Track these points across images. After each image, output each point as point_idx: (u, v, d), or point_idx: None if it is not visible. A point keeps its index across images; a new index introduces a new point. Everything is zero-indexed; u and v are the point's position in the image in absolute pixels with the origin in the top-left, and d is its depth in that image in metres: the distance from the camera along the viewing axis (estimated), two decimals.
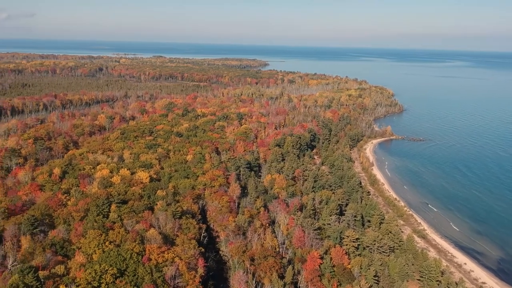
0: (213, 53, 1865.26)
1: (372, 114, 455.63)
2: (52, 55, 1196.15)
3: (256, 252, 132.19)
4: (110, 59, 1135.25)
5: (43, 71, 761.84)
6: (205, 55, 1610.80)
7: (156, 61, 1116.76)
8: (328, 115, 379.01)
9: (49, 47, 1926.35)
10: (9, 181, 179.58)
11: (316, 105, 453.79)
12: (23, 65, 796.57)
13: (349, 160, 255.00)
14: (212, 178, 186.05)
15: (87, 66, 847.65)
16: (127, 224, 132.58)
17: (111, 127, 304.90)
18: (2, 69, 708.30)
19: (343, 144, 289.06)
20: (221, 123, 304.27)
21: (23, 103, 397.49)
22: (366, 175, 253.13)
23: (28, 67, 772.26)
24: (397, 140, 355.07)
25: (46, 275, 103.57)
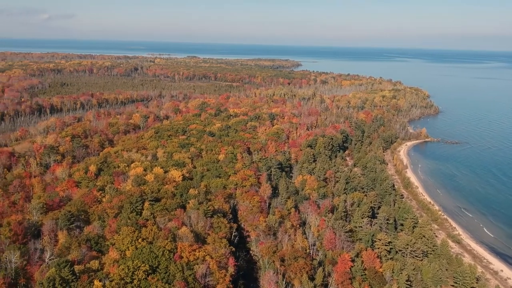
0: (246, 54, 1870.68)
1: (406, 116, 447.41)
2: (89, 55, 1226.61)
3: (286, 252, 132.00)
4: (145, 59, 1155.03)
5: (81, 70, 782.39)
6: (238, 56, 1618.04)
7: (190, 61, 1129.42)
8: (361, 116, 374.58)
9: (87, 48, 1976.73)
10: (48, 177, 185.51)
11: (349, 106, 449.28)
12: (62, 65, 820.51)
13: (382, 162, 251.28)
14: (244, 177, 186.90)
15: (123, 66, 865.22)
16: (159, 221, 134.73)
17: (145, 126, 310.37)
18: (43, 69, 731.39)
19: (376, 146, 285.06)
20: (253, 123, 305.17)
21: (62, 102, 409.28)
22: (400, 177, 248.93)
23: (66, 67, 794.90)
24: (432, 142, 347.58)
25: (81, 269, 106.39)
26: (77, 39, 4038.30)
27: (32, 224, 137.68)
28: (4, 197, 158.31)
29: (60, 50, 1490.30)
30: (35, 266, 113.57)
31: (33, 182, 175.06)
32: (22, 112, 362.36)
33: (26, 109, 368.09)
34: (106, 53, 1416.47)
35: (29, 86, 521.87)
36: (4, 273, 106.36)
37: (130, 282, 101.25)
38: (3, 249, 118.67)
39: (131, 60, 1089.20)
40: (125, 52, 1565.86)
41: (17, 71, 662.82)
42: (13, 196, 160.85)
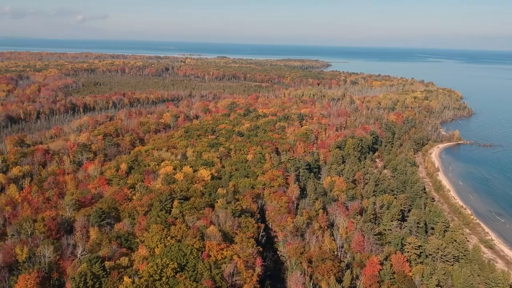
0: (276, 54, 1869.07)
1: (438, 118, 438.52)
2: (122, 55, 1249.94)
3: (314, 254, 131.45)
4: (176, 59, 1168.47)
5: (113, 70, 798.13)
6: (267, 56, 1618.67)
7: (220, 62, 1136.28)
8: (392, 117, 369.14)
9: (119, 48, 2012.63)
10: (80, 174, 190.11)
11: (379, 107, 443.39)
12: (95, 65, 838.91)
13: (413, 165, 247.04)
14: (272, 178, 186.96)
15: (154, 66, 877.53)
16: (188, 220, 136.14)
17: (175, 125, 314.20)
18: (77, 68, 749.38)
19: (407, 148, 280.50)
20: (282, 124, 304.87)
21: (94, 101, 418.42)
22: (431, 180, 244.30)
23: (99, 67, 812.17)
24: (465, 145, 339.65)
25: (111, 265, 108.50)
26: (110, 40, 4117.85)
27: (65, 220, 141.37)
28: (39, 193, 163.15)
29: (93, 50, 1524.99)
30: (68, 261, 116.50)
31: (66, 179, 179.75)
32: (57, 110, 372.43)
33: (61, 107, 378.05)
34: (138, 53, 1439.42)
35: (63, 85, 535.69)
36: (38, 267, 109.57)
37: (158, 280, 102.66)
38: (38, 244, 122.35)
39: (162, 60, 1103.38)
40: (157, 52, 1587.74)
41: (53, 70, 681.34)
42: (48, 192, 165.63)
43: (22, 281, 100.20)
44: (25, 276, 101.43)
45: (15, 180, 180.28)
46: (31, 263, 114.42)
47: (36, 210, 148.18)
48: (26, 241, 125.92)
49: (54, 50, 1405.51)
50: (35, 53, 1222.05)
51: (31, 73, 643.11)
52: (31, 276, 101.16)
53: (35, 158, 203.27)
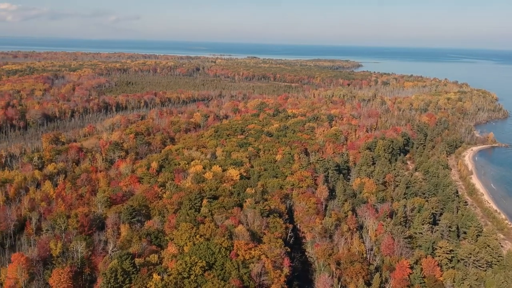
0: (306, 54, 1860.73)
1: (472, 119, 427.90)
2: (153, 55, 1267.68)
3: (342, 256, 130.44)
4: (206, 59, 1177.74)
5: (145, 70, 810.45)
6: (297, 56, 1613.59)
7: (250, 62, 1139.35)
8: (424, 119, 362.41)
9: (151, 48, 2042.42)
10: (112, 172, 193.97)
11: (411, 108, 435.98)
12: (127, 65, 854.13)
13: (445, 167, 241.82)
14: (300, 178, 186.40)
15: (185, 66, 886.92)
16: (217, 219, 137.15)
17: (205, 125, 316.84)
18: (110, 68, 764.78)
19: (440, 150, 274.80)
20: (311, 124, 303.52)
21: (127, 100, 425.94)
22: (464, 184, 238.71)
23: (132, 67, 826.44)
24: (500, 148, 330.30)
25: (141, 262, 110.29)
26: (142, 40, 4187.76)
27: (97, 216, 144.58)
28: (72, 190, 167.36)
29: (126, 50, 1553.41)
30: (99, 256, 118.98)
31: (98, 177, 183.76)
32: (90, 109, 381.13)
33: (94, 106, 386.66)
34: (170, 53, 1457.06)
35: (97, 84, 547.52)
36: (71, 262, 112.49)
37: (187, 277, 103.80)
38: (71, 239, 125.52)
39: (193, 60, 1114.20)
40: (188, 52, 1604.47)
41: (87, 70, 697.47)
42: (81, 189, 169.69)
43: (56, 275, 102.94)
44: (58, 270, 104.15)
45: (50, 177, 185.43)
46: (64, 258, 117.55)
47: (69, 206, 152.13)
48: (60, 236, 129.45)
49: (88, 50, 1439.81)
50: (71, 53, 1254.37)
51: (66, 72, 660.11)
52: (64, 271, 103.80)
53: (69, 156, 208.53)
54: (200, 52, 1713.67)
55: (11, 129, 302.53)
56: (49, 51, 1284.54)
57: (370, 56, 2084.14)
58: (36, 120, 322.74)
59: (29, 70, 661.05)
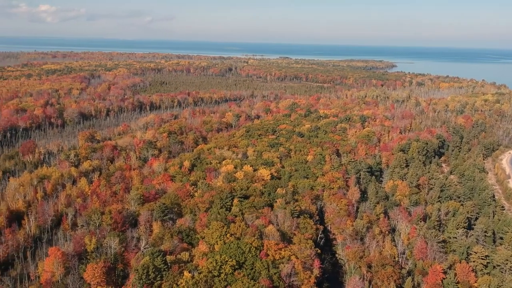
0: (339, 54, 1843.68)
1: (511, 122, 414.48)
2: (187, 56, 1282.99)
3: (373, 259, 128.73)
4: (239, 59, 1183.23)
5: (179, 70, 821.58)
6: (330, 56, 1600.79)
7: (282, 62, 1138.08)
8: (460, 121, 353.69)
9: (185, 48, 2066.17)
10: (145, 170, 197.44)
11: (446, 110, 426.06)
12: (162, 65, 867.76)
13: (481, 171, 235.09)
14: (332, 180, 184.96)
15: (218, 66, 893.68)
16: (247, 218, 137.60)
17: (237, 124, 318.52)
18: (144, 68, 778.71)
19: (476, 153, 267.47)
20: (343, 125, 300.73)
21: (160, 100, 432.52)
22: (501, 188, 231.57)
23: (166, 67, 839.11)
24: None
25: (172, 260, 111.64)
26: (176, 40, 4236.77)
27: (130, 213, 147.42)
28: (107, 187, 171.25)
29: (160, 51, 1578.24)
30: (132, 253, 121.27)
31: (132, 175, 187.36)
32: (125, 108, 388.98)
33: (129, 105, 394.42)
34: (203, 53, 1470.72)
35: (132, 84, 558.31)
36: (105, 257, 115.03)
37: (217, 276, 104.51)
38: (105, 235, 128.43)
39: (226, 60, 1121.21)
40: (221, 53, 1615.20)
41: (122, 70, 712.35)
42: (115, 186, 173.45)
43: (90, 269, 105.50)
44: (93, 265, 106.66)
45: (85, 174, 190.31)
46: (98, 253, 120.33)
47: (104, 203, 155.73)
48: (95, 232, 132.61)
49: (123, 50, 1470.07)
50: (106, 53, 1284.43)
51: (102, 72, 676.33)
52: (98, 266, 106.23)
53: (104, 154, 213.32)
54: (233, 53, 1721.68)
55: (50, 127, 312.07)
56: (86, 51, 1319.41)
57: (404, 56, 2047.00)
58: (73, 118, 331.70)
59: (67, 69, 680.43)
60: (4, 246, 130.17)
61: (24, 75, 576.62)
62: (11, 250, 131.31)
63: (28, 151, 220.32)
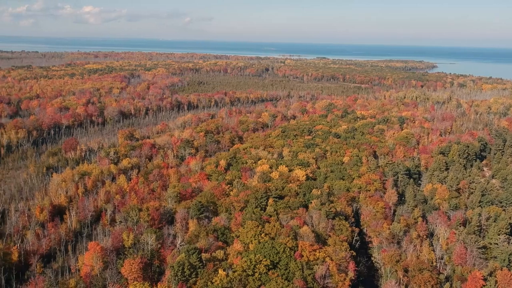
0: (377, 55, 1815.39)
1: None
2: (224, 56, 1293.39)
3: (410, 263, 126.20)
4: (276, 60, 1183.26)
5: (216, 70, 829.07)
6: (368, 57, 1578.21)
7: (319, 63, 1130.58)
8: (504, 123, 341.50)
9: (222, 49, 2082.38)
10: (182, 168, 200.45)
11: (489, 112, 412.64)
12: (199, 65, 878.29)
13: None
14: (368, 182, 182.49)
15: (255, 66, 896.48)
16: (282, 218, 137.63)
17: (273, 124, 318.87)
18: (183, 68, 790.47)
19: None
20: (381, 126, 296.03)
21: (198, 99, 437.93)
22: None
23: (204, 67, 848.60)
24: None
25: (207, 257, 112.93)
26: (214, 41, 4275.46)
27: (167, 211, 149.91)
28: (145, 185, 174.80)
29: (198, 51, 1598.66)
30: (168, 250, 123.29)
31: (169, 173, 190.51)
32: (163, 107, 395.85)
33: (167, 105, 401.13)
34: (240, 54, 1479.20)
35: (170, 84, 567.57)
36: (142, 253, 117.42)
37: (251, 275, 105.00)
38: (142, 232, 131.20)
39: (262, 61, 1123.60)
40: (258, 53, 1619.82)
41: (161, 70, 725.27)
42: (152, 184, 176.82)
43: (128, 265, 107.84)
44: (130, 260, 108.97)
45: (124, 171, 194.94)
46: (135, 249, 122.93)
47: (141, 200, 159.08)
48: (132, 228, 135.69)
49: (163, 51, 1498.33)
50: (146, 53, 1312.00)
51: (142, 71, 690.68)
52: (135, 261, 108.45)
53: (143, 152, 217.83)
54: (270, 53, 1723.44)
55: (91, 124, 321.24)
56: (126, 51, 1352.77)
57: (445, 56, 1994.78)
58: (113, 116, 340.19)
59: (108, 69, 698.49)
60: (47, 240, 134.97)
61: (67, 75, 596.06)
62: (54, 243, 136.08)
63: (70, 148, 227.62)
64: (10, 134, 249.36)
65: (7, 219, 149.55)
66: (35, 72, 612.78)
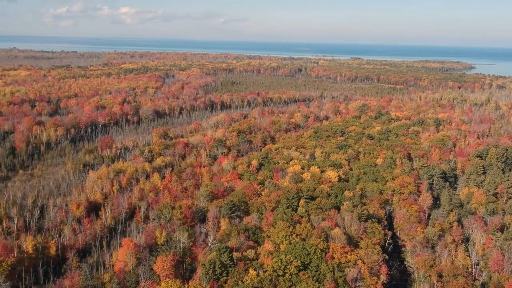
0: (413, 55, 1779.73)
1: None
2: (258, 56, 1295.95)
3: (445, 268, 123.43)
4: (309, 60, 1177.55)
5: (249, 70, 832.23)
6: (403, 57, 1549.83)
7: (353, 63, 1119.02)
8: None
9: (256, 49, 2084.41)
10: (215, 168, 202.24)
11: None
12: (233, 65, 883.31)
13: None
14: (402, 184, 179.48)
15: (288, 66, 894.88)
16: (313, 220, 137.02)
17: (305, 125, 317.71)
18: (216, 68, 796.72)
19: None
20: (416, 128, 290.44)
21: (231, 99, 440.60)
22: None
23: (237, 67, 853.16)
24: None
25: (238, 256, 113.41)
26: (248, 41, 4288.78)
27: (199, 209, 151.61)
28: (178, 183, 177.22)
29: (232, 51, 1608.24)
30: (200, 248, 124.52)
31: (202, 171, 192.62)
32: (197, 107, 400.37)
33: (201, 104, 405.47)
34: (273, 54, 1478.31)
35: (204, 84, 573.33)
36: (174, 250, 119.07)
37: (282, 275, 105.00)
38: (174, 229, 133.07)
39: (295, 61, 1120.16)
40: (291, 53, 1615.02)
41: (195, 70, 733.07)
42: (185, 182, 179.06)
43: (160, 262, 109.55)
44: (162, 257, 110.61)
45: (158, 169, 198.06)
46: (168, 247, 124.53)
47: (174, 198, 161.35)
48: (165, 226, 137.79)
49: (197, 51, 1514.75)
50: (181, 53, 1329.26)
51: (176, 71, 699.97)
52: (167, 258, 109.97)
53: (176, 150, 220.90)
54: (303, 53, 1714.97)
55: (126, 123, 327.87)
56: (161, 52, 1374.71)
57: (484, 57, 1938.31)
58: (148, 115, 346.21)
59: (143, 69, 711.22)
60: (83, 235, 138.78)
61: (104, 74, 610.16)
62: (89, 238, 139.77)
63: (106, 146, 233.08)
64: (49, 131, 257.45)
65: (46, 213, 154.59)
66: (73, 72, 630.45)
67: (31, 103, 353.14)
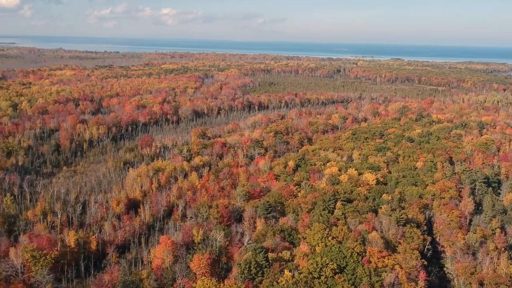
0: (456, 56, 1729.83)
1: None
2: (296, 57, 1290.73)
3: (486, 276, 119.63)
4: (348, 61, 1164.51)
5: (287, 71, 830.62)
6: (447, 58, 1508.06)
7: (394, 64, 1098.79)
8: None
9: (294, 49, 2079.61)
10: (251, 168, 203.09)
11: None
12: (271, 66, 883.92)
13: None
14: (443, 189, 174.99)
15: (326, 67, 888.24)
16: (350, 223, 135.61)
17: (343, 127, 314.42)
18: (254, 69, 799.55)
19: None
20: (458, 131, 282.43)
21: (268, 100, 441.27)
22: None
23: (275, 68, 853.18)
24: None
25: (273, 257, 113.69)
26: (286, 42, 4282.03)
27: (236, 209, 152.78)
28: (215, 182, 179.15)
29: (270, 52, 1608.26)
30: (235, 247, 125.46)
31: (239, 171, 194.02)
32: (235, 107, 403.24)
33: (238, 105, 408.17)
34: (312, 55, 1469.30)
35: (242, 84, 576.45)
36: (210, 249, 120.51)
37: (317, 278, 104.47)
38: (211, 228, 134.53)
39: (334, 62, 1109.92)
40: (329, 54, 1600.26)
41: (234, 70, 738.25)
42: (222, 182, 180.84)
43: (196, 260, 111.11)
44: (199, 256, 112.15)
45: (196, 168, 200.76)
46: (204, 245, 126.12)
47: (211, 197, 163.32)
48: (202, 225, 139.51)
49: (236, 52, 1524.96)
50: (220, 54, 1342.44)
51: (215, 72, 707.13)
52: (204, 257, 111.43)
53: (214, 150, 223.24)
54: (342, 54, 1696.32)
55: (166, 122, 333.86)
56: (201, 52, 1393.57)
57: None
58: (187, 115, 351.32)
59: (183, 69, 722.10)
60: (123, 231, 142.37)
61: (145, 74, 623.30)
62: (128, 235, 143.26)
63: (146, 145, 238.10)
64: (92, 130, 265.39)
65: (88, 209, 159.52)
66: (115, 72, 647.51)
67: (75, 102, 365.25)
